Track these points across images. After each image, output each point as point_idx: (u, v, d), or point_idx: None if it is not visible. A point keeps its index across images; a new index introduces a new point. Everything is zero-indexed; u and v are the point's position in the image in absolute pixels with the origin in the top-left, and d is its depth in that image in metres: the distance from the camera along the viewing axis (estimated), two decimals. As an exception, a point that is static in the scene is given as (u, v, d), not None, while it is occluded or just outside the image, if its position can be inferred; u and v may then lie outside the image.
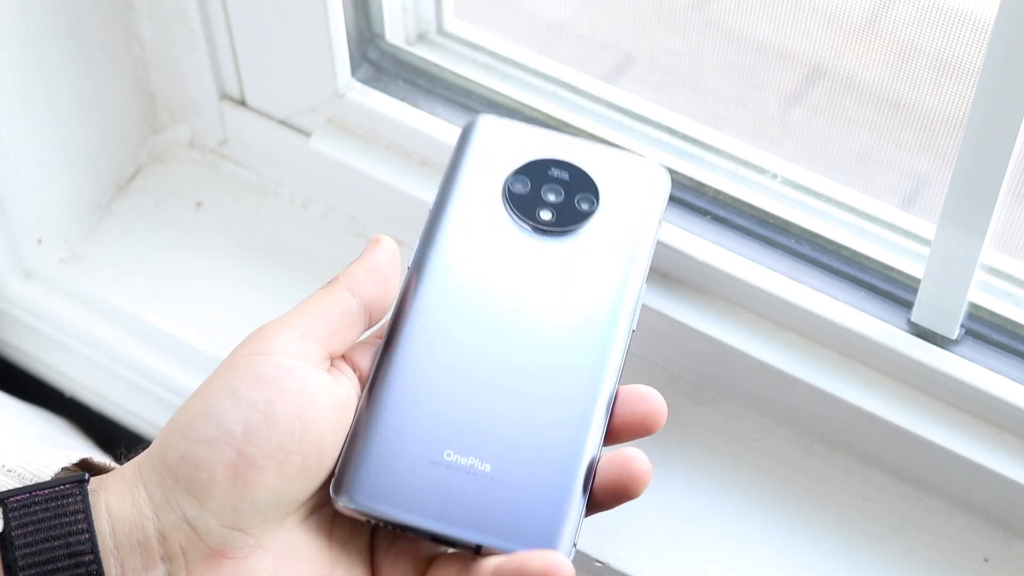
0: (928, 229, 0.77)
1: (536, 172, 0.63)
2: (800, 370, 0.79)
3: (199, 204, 0.95)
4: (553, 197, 0.62)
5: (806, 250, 0.79)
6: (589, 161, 0.65)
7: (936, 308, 0.75)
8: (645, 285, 0.62)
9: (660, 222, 0.64)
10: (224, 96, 0.93)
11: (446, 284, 0.60)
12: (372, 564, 0.59)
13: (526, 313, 0.60)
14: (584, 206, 0.62)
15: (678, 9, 0.84)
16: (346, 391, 0.58)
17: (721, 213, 0.81)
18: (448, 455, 0.58)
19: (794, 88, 0.83)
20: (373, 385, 0.59)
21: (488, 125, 0.66)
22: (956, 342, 0.76)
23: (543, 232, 0.61)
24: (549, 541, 0.57)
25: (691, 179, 0.82)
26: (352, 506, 0.57)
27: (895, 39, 0.76)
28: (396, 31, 0.88)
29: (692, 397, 0.84)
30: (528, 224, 0.61)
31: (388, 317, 0.62)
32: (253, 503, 0.55)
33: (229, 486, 0.55)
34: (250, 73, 0.90)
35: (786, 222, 0.80)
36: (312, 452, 0.56)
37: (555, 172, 0.63)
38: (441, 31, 0.89)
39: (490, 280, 0.60)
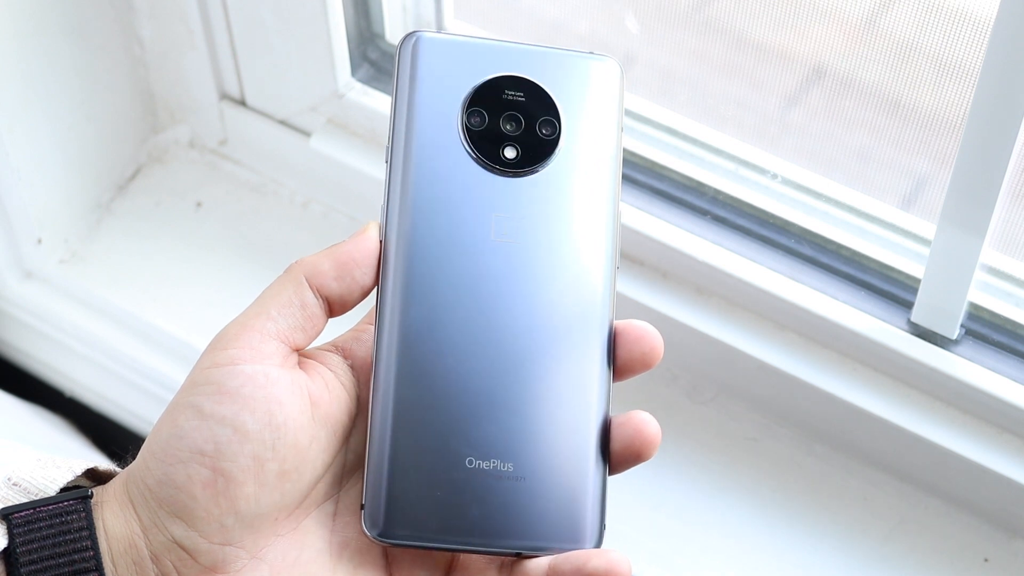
0: (928, 229, 0.77)
1: (490, 99, 0.60)
2: (800, 370, 0.79)
3: (199, 204, 0.95)
4: (512, 127, 0.60)
5: (806, 250, 0.79)
6: (541, 73, 0.62)
7: (936, 308, 0.75)
8: (620, 209, 0.60)
9: (621, 129, 0.61)
10: (224, 96, 0.93)
11: (429, 271, 0.58)
12: (387, 561, 0.58)
13: (508, 290, 0.58)
14: (545, 131, 0.60)
15: (678, 9, 0.84)
16: (322, 385, 0.57)
17: (721, 213, 0.81)
18: (470, 462, 0.57)
19: (794, 88, 0.83)
20: (375, 404, 0.58)
21: (427, 47, 0.61)
22: (956, 342, 0.76)
23: (511, 175, 0.59)
24: (587, 532, 0.56)
25: (691, 179, 0.82)
26: (389, 540, 0.56)
27: (895, 39, 0.76)
28: (396, 31, 0.88)
29: (692, 397, 0.84)
30: (495, 167, 0.59)
31: (373, 304, 0.60)
32: (238, 517, 0.55)
33: (211, 504, 0.54)
34: (250, 73, 0.90)
35: (786, 222, 0.80)
36: (289, 456, 0.55)
37: (510, 94, 0.61)
38: (441, 31, 0.89)
39: (469, 254, 0.58)
